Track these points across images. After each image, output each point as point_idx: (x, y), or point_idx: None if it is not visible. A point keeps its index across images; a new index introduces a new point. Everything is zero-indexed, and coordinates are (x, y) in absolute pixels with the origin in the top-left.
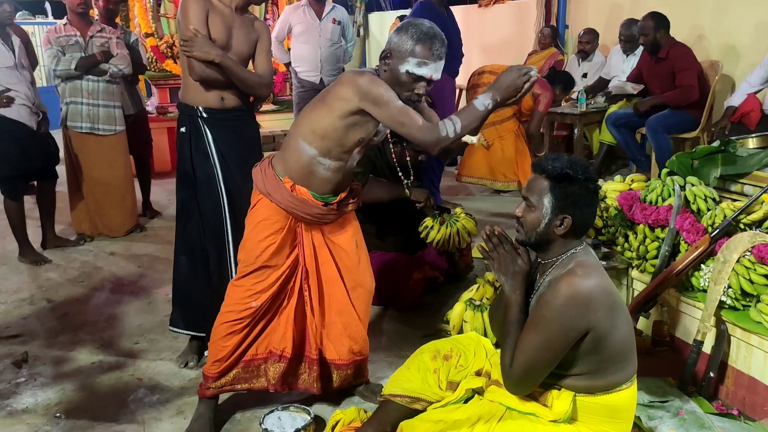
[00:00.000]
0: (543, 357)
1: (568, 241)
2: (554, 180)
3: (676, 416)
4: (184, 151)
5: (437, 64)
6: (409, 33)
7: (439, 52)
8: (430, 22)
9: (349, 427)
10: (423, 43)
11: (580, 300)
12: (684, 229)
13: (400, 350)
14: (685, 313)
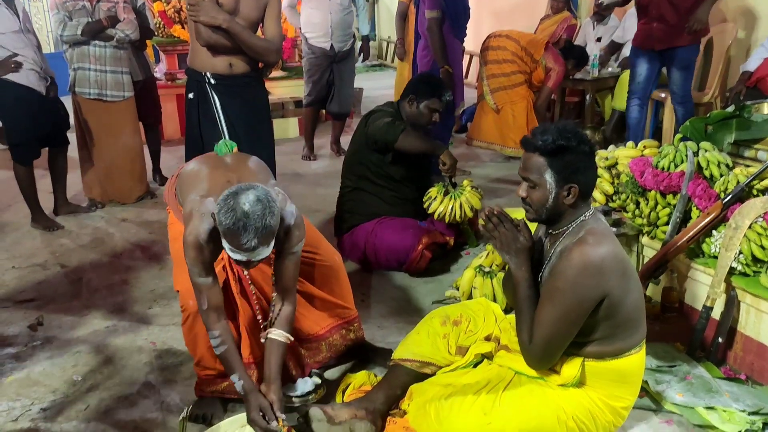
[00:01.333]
0: (562, 328)
1: (577, 208)
2: (550, 154)
3: (683, 381)
4: (192, 117)
5: (252, 253)
6: (221, 216)
7: (249, 245)
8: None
9: (359, 390)
10: (231, 235)
11: (592, 268)
12: (696, 195)
13: (409, 316)
14: (695, 279)
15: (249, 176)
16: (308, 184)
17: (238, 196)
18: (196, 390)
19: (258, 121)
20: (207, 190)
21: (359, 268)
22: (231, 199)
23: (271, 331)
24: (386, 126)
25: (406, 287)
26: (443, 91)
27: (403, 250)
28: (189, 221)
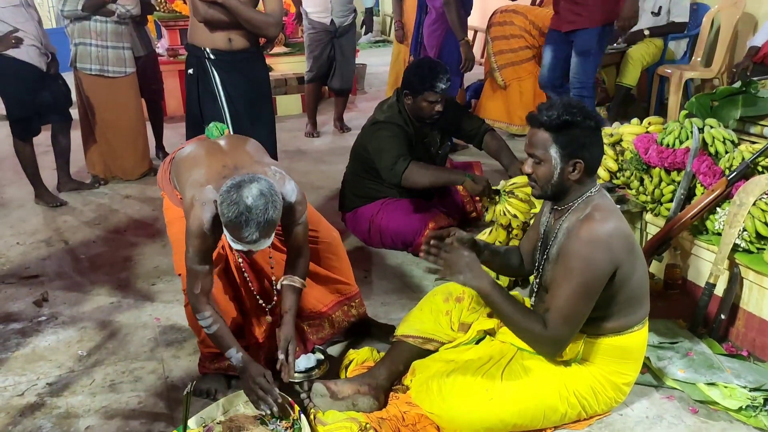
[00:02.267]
0: (580, 306)
1: (583, 184)
2: (555, 130)
3: (685, 357)
4: (192, 92)
5: (252, 245)
6: (224, 208)
7: (250, 238)
8: (258, 193)
9: (362, 366)
10: (233, 228)
11: (602, 244)
12: (701, 172)
13: (412, 293)
14: (698, 256)
15: (245, 159)
16: (311, 161)
17: (241, 189)
18: (199, 367)
19: (258, 97)
20: (205, 176)
21: (362, 245)
22: (234, 191)
23: (286, 278)
24: (389, 165)
25: (409, 265)
26: (435, 81)
27: (409, 233)
28: (190, 210)
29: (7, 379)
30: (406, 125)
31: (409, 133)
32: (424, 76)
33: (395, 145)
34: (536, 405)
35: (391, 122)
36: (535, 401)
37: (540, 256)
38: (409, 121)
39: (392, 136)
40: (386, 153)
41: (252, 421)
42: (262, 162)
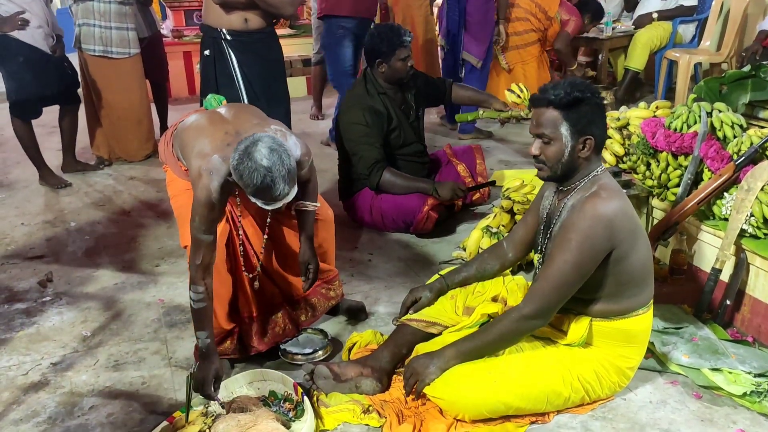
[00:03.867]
0: (570, 278)
1: (590, 162)
2: (565, 107)
3: (689, 342)
4: (209, 74)
5: (284, 199)
6: (245, 178)
7: (281, 194)
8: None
9: (365, 349)
10: (264, 192)
11: (605, 220)
12: (708, 157)
13: (416, 276)
14: (705, 241)
15: (246, 124)
16: (316, 144)
17: (252, 154)
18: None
19: (274, 77)
20: (209, 146)
21: (365, 229)
22: (246, 159)
23: (298, 204)
24: (365, 173)
25: (413, 247)
26: (401, 37)
27: (409, 211)
28: (198, 180)
29: (11, 359)
30: (377, 100)
31: (382, 111)
32: (390, 37)
33: (368, 149)
34: (539, 389)
35: (362, 104)
36: (539, 385)
37: (542, 238)
38: (381, 94)
39: (365, 134)
40: (362, 160)
41: (255, 402)
42: (261, 123)
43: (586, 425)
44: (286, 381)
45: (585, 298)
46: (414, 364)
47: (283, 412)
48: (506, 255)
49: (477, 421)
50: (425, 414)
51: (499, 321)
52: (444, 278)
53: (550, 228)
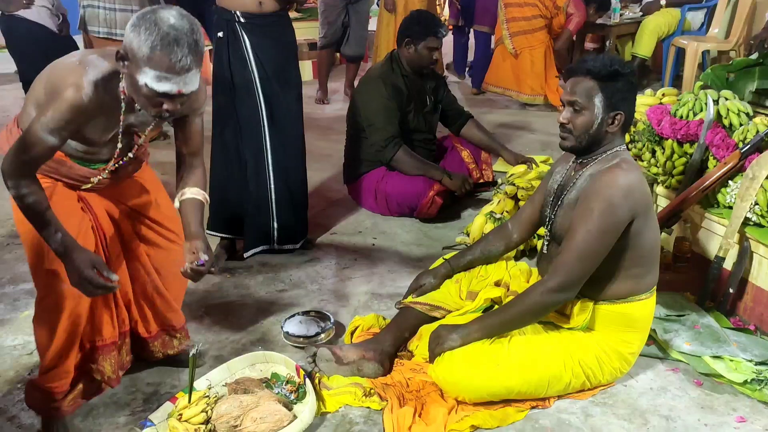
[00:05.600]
0: (594, 247)
1: (615, 138)
2: (603, 79)
3: (691, 330)
4: (222, 56)
5: (184, 77)
6: (143, 34)
7: (184, 63)
8: (179, 14)
9: (367, 332)
10: (161, 51)
11: (625, 189)
12: (714, 145)
13: (419, 260)
14: (709, 229)
15: None
16: (320, 129)
17: (158, 12)
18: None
19: (287, 61)
20: (79, 55)
21: (369, 212)
22: (150, 15)
23: (185, 192)
24: (380, 144)
25: (416, 232)
26: (437, 27)
27: (414, 196)
28: (61, 81)
29: (16, 339)
30: (400, 79)
31: (403, 90)
32: (427, 23)
33: (388, 121)
34: (541, 374)
35: (385, 79)
36: (541, 370)
37: (551, 209)
38: (403, 76)
39: (385, 106)
40: (380, 131)
41: (258, 384)
42: None
43: (587, 410)
44: (288, 363)
45: (591, 277)
46: (438, 331)
47: (285, 394)
48: (511, 236)
49: (478, 404)
50: (426, 397)
51: (524, 296)
52: (449, 262)
53: (561, 197)
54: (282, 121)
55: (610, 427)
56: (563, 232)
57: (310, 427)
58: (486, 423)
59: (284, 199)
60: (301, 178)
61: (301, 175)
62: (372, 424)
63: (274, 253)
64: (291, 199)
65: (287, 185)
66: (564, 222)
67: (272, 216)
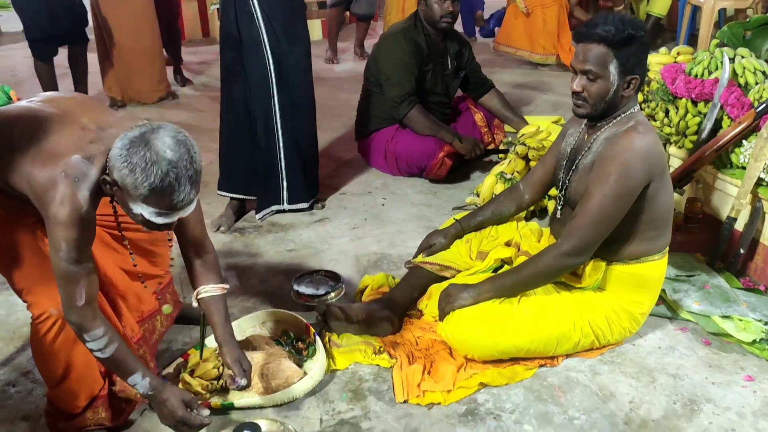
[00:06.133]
0: (609, 212)
1: (629, 100)
2: (617, 45)
3: (701, 290)
4: (229, 13)
5: (186, 209)
6: (138, 174)
7: (186, 199)
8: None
9: (377, 291)
10: (161, 193)
11: (642, 152)
12: (728, 104)
13: (429, 221)
14: (721, 190)
15: (104, 116)
16: (330, 88)
17: (151, 142)
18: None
19: (295, 16)
20: (60, 143)
21: (378, 172)
22: (142, 147)
23: (200, 290)
24: (396, 100)
25: (426, 193)
26: None
27: (424, 156)
28: (50, 192)
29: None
30: (421, 38)
31: (423, 49)
32: None
33: (405, 77)
34: (550, 333)
35: (406, 34)
36: (550, 329)
37: (565, 173)
38: (425, 35)
39: (403, 61)
40: (396, 86)
41: (268, 341)
42: (126, 118)
43: (594, 369)
44: (298, 321)
45: (605, 239)
46: (449, 289)
47: (296, 352)
48: (522, 197)
49: (487, 362)
50: (435, 356)
51: (537, 258)
52: (459, 222)
53: (576, 162)
54: (290, 77)
55: (617, 385)
56: (578, 197)
57: (321, 383)
58: (494, 380)
59: (294, 157)
60: (310, 136)
61: (310, 133)
62: (381, 381)
63: (284, 213)
64: (301, 157)
65: (297, 143)
66: (579, 187)
67: (282, 175)
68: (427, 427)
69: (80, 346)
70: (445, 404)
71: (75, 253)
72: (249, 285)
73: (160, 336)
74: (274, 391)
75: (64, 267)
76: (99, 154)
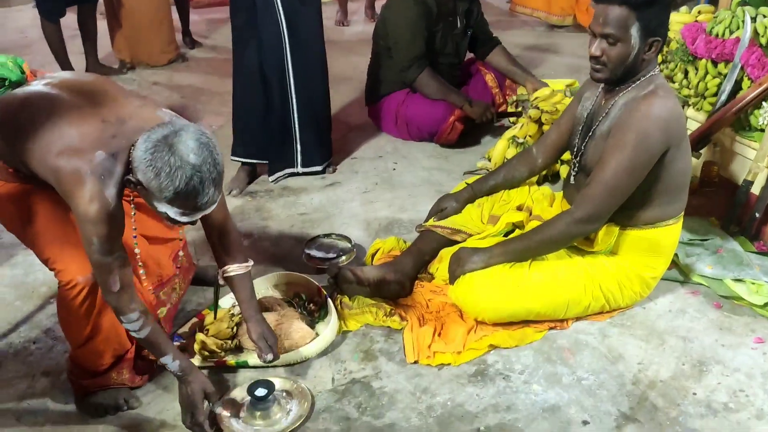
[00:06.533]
0: (624, 182)
1: (648, 63)
2: (639, 7)
3: (714, 254)
4: None
5: (209, 208)
6: (163, 179)
7: (210, 200)
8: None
9: (388, 254)
10: (185, 197)
11: (662, 121)
12: (749, 64)
13: (440, 185)
14: (738, 153)
15: (123, 104)
16: (341, 51)
17: (175, 146)
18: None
19: None
20: (81, 138)
21: (389, 137)
22: (166, 152)
23: (226, 269)
24: (405, 65)
25: (437, 157)
26: None
27: (434, 120)
28: (78, 189)
29: None
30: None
31: (432, 9)
32: None
33: (414, 40)
34: (561, 296)
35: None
36: (561, 293)
37: (581, 139)
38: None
39: (412, 23)
40: (404, 50)
41: (280, 303)
42: (144, 103)
43: (604, 331)
44: (310, 284)
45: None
46: (460, 253)
47: (308, 314)
48: (536, 161)
49: (497, 324)
50: (446, 318)
51: (549, 224)
52: (471, 187)
53: (593, 127)
54: (303, 38)
55: (626, 347)
56: (593, 164)
57: (332, 344)
58: (504, 342)
59: (308, 120)
60: (324, 98)
61: (324, 95)
62: (392, 342)
63: (296, 177)
64: (315, 120)
65: (311, 105)
66: (595, 154)
67: (296, 138)
68: (437, 387)
69: (108, 311)
70: (455, 365)
71: (107, 246)
72: (261, 248)
73: (178, 300)
74: (286, 351)
75: (97, 258)
76: (122, 150)
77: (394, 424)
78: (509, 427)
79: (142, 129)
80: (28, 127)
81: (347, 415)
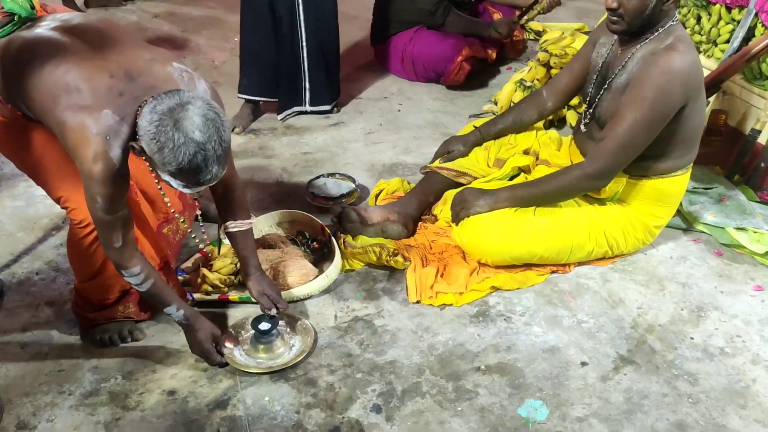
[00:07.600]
0: (639, 138)
1: (667, 14)
2: None
3: (718, 202)
4: None
5: (214, 181)
6: (167, 154)
7: (213, 176)
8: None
9: (392, 195)
10: (188, 171)
11: (682, 76)
12: (764, 11)
13: (445, 128)
14: (747, 101)
15: (132, 58)
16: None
17: (180, 122)
18: (81, 319)
19: None
20: (90, 93)
21: (395, 78)
22: (170, 127)
23: (228, 225)
24: (430, 9)
25: (443, 99)
26: None
27: (441, 60)
28: (84, 147)
29: None
30: None
31: None
32: None
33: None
34: (565, 241)
35: None
36: (565, 238)
37: (596, 88)
38: None
39: None
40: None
41: (284, 240)
42: (155, 57)
43: (605, 276)
44: (313, 222)
45: None
46: (465, 194)
47: (311, 252)
48: (545, 104)
49: (500, 267)
50: (449, 259)
51: (559, 174)
52: (479, 130)
53: (608, 79)
54: None
55: (626, 291)
56: (608, 117)
57: (335, 282)
58: (506, 285)
59: (317, 58)
60: (333, 36)
61: (333, 33)
62: (395, 282)
63: (299, 116)
64: (324, 58)
65: (320, 43)
66: (610, 107)
67: (304, 75)
68: (438, 326)
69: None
70: (457, 305)
71: (110, 204)
72: (264, 186)
73: (183, 236)
74: (289, 287)
75: (100, 216)
76: (129, 111)
77: (395, 361)
78: (509, 366)
79: (152, 87)
80: (34, 77)
81: (349, 352)
